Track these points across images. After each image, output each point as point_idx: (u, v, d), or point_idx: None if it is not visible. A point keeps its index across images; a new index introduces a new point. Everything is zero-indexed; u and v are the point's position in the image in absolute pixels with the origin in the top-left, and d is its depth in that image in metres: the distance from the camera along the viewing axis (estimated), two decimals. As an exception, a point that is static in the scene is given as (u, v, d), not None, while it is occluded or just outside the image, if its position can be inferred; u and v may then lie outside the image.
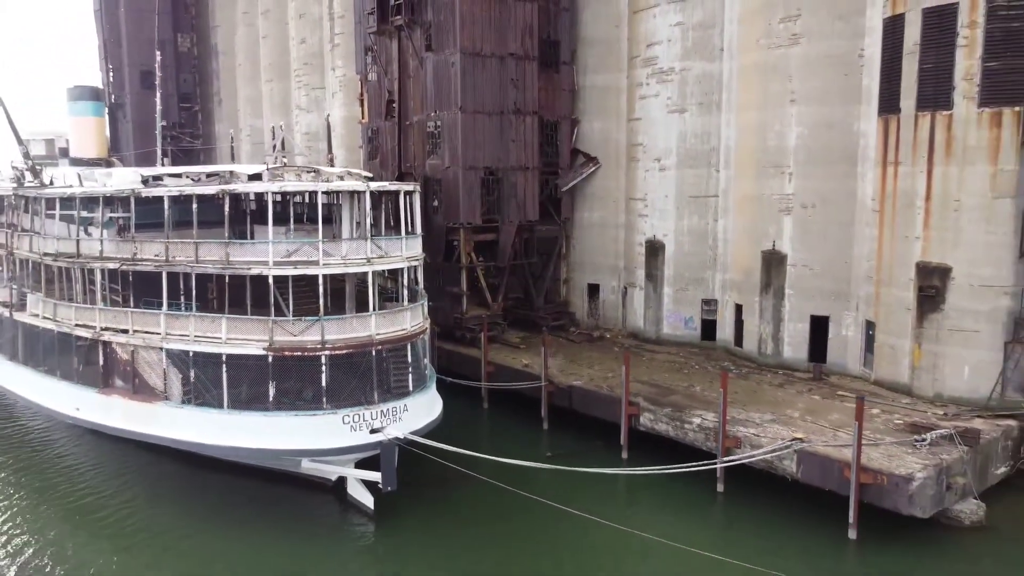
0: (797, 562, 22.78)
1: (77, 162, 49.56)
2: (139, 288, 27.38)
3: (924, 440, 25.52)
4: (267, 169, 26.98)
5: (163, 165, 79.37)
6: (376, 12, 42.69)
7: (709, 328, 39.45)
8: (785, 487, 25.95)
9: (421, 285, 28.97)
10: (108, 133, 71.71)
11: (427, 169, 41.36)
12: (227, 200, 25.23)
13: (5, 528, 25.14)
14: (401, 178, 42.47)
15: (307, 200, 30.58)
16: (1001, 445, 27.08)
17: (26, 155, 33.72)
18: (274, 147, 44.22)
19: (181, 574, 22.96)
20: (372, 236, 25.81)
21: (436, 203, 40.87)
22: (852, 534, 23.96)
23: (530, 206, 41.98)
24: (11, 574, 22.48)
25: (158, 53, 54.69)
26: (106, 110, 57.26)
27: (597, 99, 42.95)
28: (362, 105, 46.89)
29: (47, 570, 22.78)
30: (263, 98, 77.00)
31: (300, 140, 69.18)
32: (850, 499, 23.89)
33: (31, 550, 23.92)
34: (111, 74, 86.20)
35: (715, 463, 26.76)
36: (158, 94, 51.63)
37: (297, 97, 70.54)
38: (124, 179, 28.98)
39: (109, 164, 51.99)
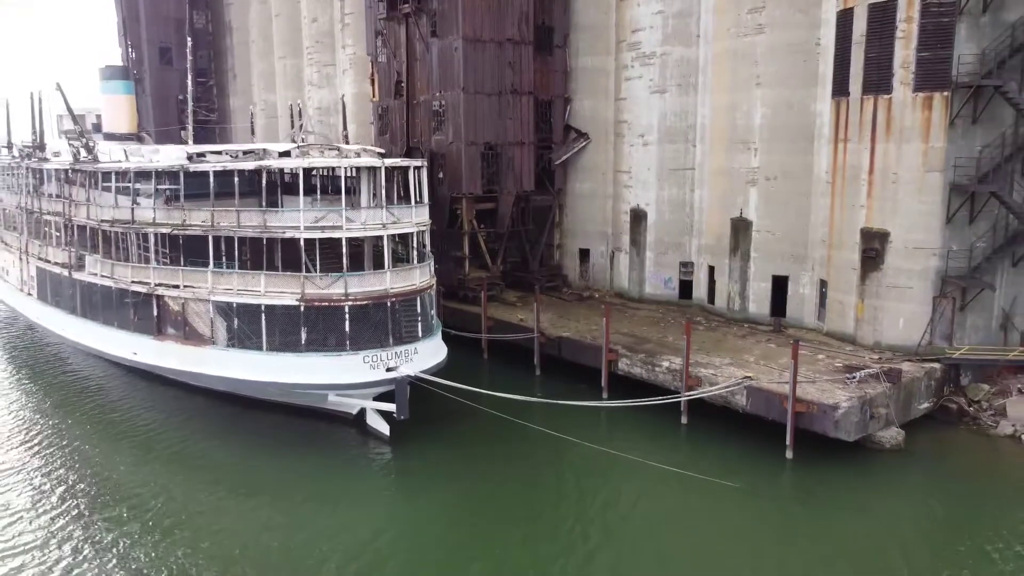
0: (744, 475, 27.48)
1: (110, 137, 53.86)
2: (187, 250, 31.95)
3: (854, 378, 30.20)
4: (296, 147, 31.41)
5: (186, 137, 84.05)
6: (386, 0, 46.72)
7: (686, 288, 44.03)
8: (737, 417, 30.69)
9: (428, 247, 33.45)
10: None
11: (433, 144, 45.67)
12: (264, 175, 29.73)
13: (93, 462, 29.95)
14: (409, 152, 46.81)
15: (330, 174, 34.87)
16: (924, 384, 31.69)
17: (81, 134, 38.10)
18: (293, 125, 48.69)
19: (234, 490, 27.71)
20: (386, 205, 30.35)
21: (441, 175, 45.15)
22: (789, 454, 28.71)
23: (526, 178, 46.34)
24: (101, 496, 27.31)
25: (189, 39, 58.28)
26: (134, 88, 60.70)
27: (587, 80, 47.06)
28: (373, 84, 51.03)
29: (130, 489, 27.69)
30: (276, 74, 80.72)
31: (313, 114, 73.27)
32: (787, 425, 28.61)
33: (110, 474, 28.83)
34: (131, 50, 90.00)
35: (679, 398, 31.48)
36: (189, 77, 55.37)
37: (309, 74, 74.22)
38: (171, 156, 33.41)
39: (140, 139, 56.23)
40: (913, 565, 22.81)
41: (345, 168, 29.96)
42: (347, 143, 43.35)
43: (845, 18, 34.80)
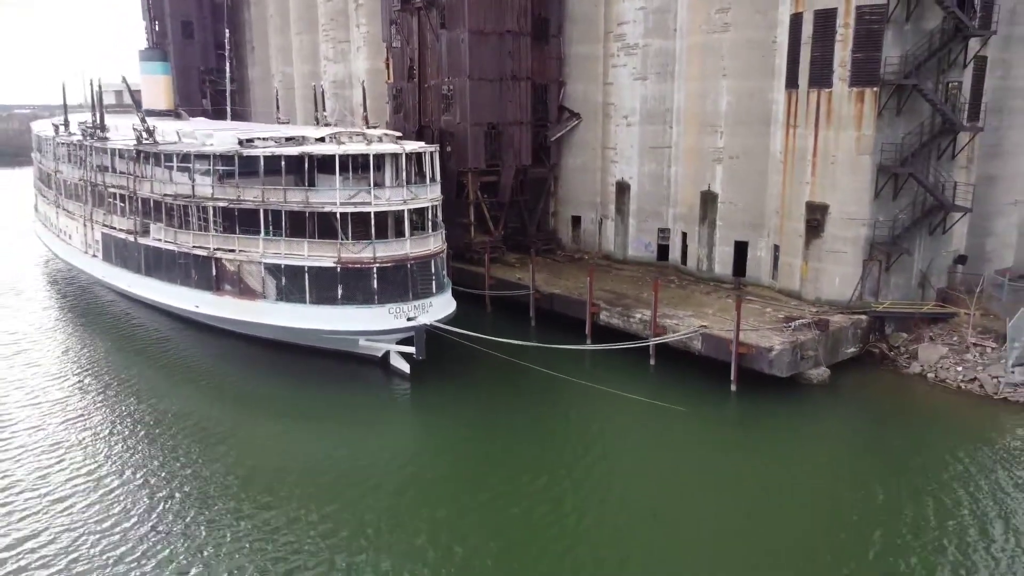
0: (697, 403, 34.22)
1: (149, 113, 59.70)
2: (240, 219, 38.41)
3: (790, 327, 36.86)
4: (330, 135, 37.75)
5: (206, 107, 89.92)
6: (401, -8, 52.49)
7: (663, 251, 50.51)
8: (694, 359, 37.38)
9: (440, 218, 39.83)
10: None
11: (442, 124, 51.82)
12: (306, 159, 36.18)
13: (166, 397, 36.87)
14: (421, 131, 52.98)
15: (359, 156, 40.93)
16: (851, 332, 38.29)
17: (143, 119, 44.25)
18: (317, 107, 54.74)
19: (283, 416, 34.46)
20: (407, 185, 36.80)
21: (449, 150, 51.31)
22: (733, 388, 35.43)
23: (525, 153, 52.56)
24: (171, 422, 34.17)
25: (227, 31, 63.53)
26: (171, 68, 66.42)
27: (580, 66, 52.94)
28: (388, 68, 56.92)
29: (197, 417, 34.62)
30: (292, 48, 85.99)
31: (329, 87, 78.84)
32: (731, 364, 35.34)
33: (178, 406, 35.74)
34: (154, 25, 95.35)
35: (648, 343, 38.20)
36: (227, 64, 60.68)
37: (325, 49, 79.48)
38: (224, 139, 39.67)
39: (177, 115, 62.19)
40: (831, 472, 29.45)
41: (372, 155, 36.17)
42: (366, 124, 49.42)
43: (796, 21, 40.66)
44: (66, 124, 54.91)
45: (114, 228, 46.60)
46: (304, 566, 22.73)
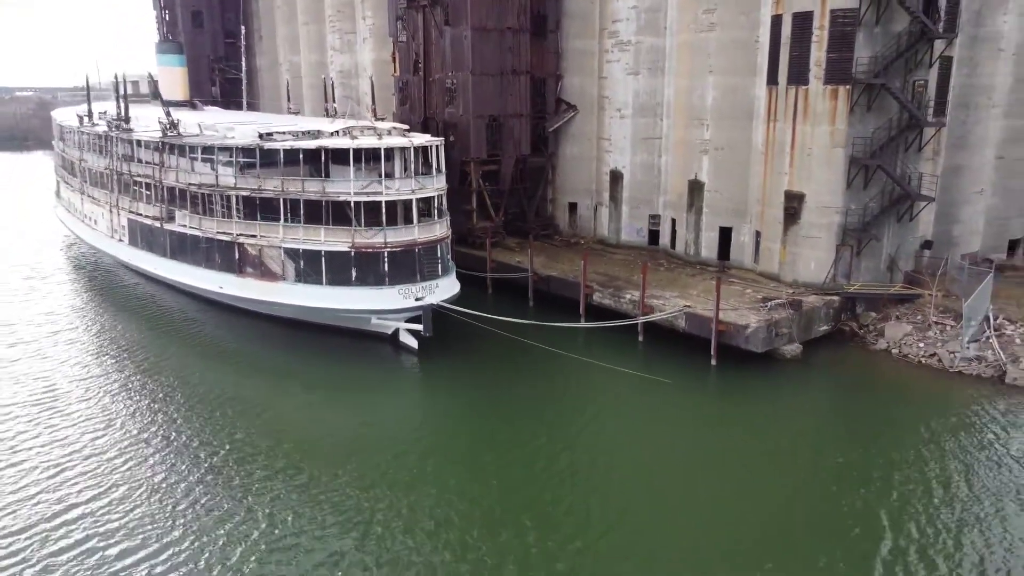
0: (680, 376, 37.56)
1: (166, 103, 62.72)
2: (261, 207, 41.63)
3: (766, 306, 40.20)
4: (345, 130, 40.92)
5: (215, 95, 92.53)
6: (406, -8, 55.38)
7: (654, 236, 53.77)
8: (678, 336, 40.75)
9: (445, 206, 43.00)
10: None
11: (446, 115, 54.89)
12: (323, 152, 39.38)
13: (195, 375, 40.33)
14: (426, 122, 56.05)
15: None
16: (823, 312, 41.60)
17: (168, 113, 47.30)
18: (327, 98, 57.75)
19: (299, 386, 37.90)
20: (415, 176, 40.03)
21: (452, 140, 54.38)
22: (713, 362, 38.80)
23: (524, 143, 55.66)
24: (201, 393, 37.61)
25: (243, 27, 65.93)
26: (185, 59, 69.24)
27: (576, 60, 55.91)
28: (394, 61, 59.87)
29: (220, 387, 38.08)
30: (300, 38, 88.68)
31: (336, 77, 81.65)
32: (712, 341, 38.70)
33: (210, 383, 39.22)
34: (165, 14, 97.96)
35: (636, 320, 41.56)
36: (242, 58, 63.24)
37: (332, 40, 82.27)
38: (245, 133, 42.80)
39: (193, 105, 65.17)
40: (802, 438, 32.78)
41: (383, 149, 39.31)
42: (375, 116, 52.50)
43: (776, 22, 43.65)
44: (90, 115, 57.96)
45: (140, 215, 49.84)
46: (333, 515, 26.16)
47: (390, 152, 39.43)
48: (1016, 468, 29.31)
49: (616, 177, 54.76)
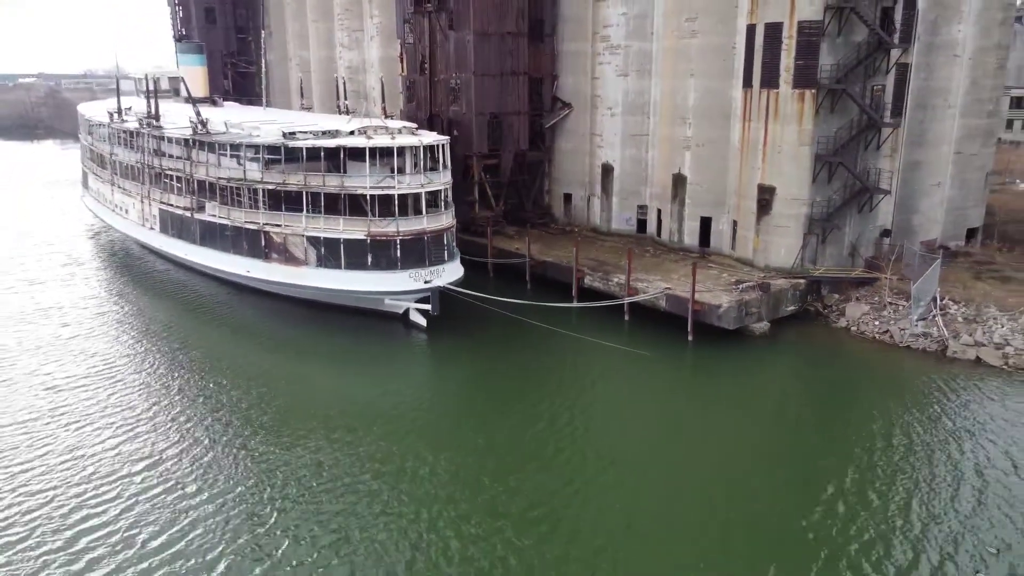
0: (660, 350, 42.34)
1: (189, 100, 67.16)
2: (285, 199, 46.23)
3: (738, 288, 44.93)
4: (361, 130, 45.49)
5: (227, 87, 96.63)
6: (413, -2, 59.82)
7: (642, 224, 58.44)
8: (660, 315, 45.50)
9: (450, 199, 47.58)
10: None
11: (450, 113, 59.42)
12: (342, 151, 44.01)
13: (223, 348, 45.11)
14: (431, 119, 60.56)
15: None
16: (790, 293, 46.31)
17: (198, 113, 51.74)
18: (339, 96, 62.19)
19: (318, 359, 42.72)
20: (424, 171, 44.67)
21: (456, 135, 58.90)
22: (690, 338, 43.58)
23: (522, 139, 60.24)
24: (229, 367, 42.41)
25: (264, 31, 70.10)
26: (206, 59, 73.49)
27: (571, 61, 60.37)
28: (402, 62, 64.28)
29: (246, 363, 42.89)
30: (309, 34, 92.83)
31: (344, 72, 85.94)
32: (688, 319, 43.46)
33: (239, 356, 44.01)
34: (179, 10, 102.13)
35: (622, 301, 46.29)
36: (263, 61, 67.57)
37: (340, 37, 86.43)
38: (270, 131, 47.34)
39: (213, 101, 69.59)
40: (767, 402, 37.71)
41: (396, 148, 43.90)
42: (385, 115, 57.03)
43: (750, 31, 48.07)
44: (119, 111, 62.46)
45: (171, 205, 54.49)
46: (369, 462, 30.93)
47: (402, 150, 43.99)
48: (949, 425, 34.13)
49: (607, 170, 59.36)
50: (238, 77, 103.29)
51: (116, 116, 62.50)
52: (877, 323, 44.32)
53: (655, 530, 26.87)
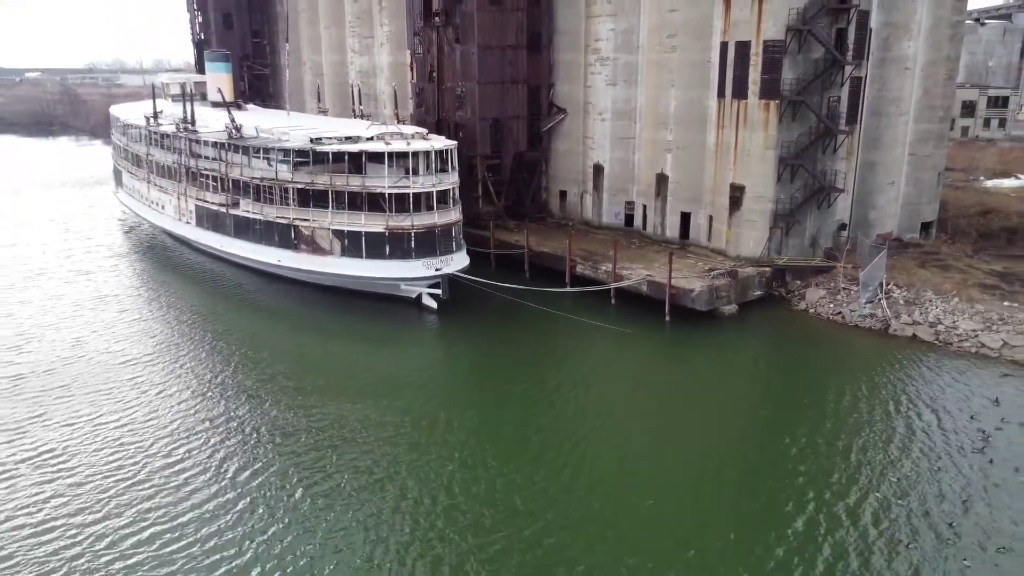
0: (641, 328, 48.70)
1: (216, 104, 73.54)
2: (313, 196, 52.56)
3: (710, 275, 51.30)
4: (379, 135, 51.82)
5: (244, 89, 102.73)
6: (423, 13, 65.97)
7: (629, 219, 64.79)
8: (642, 298, 51.85)
9: (458, 196, 53.87)
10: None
11: (456, 118, 65.70)
12: (363, 155, 50.35)
13: (258, 326, 51.55)
14: (439, 123, 66.83)
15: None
16: (757, 280, 52.66)
17: (233, 120, 58.02)
18: (354, 101, 68.41)
19: (339, 337, 49.12)
20: (435, 172, 51.03)
21: (461, 137, 65.12)
22: (667, 318, 49.96)
23: (522, 141, 66.55)
24: (250, 339, 48.83)
25: (286, 44, 76.51)
26: (230, 67, 79.74)
27: (566, 71, 66.59)
28: (412, 71, 70.52)
29: (274, 339, 49.36)
30: (321, 40, 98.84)
31: (355, 76, 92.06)
32: (666, 302, 49.84)
33: (272, 334, 50.47)
34: (198, 16, 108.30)
35: (609, 287, 52.68)
36: (286, 70, 73.71)
37: (351, 43, 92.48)
38: (298, 137, 53.62)
39: (238, 106, 75.84)
40: (735, 373, 44.02)
41: (411, 152, 50.25)
42: (397, 120, 63.35)
43: (723, 48, 54.30)
44: (155, 115, 68.78)
45: (207, 201, 60.88)
46: (387, 428, 37.28)
47: (416, 155, 50.32)
48: (889, 388, 40.44)
49: (598, 170, 65.66)
50: (253, 79, 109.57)
51: (152, 120, 68.76)
52: (831, 306, 50.68)
53: (641, 467, 33.07)
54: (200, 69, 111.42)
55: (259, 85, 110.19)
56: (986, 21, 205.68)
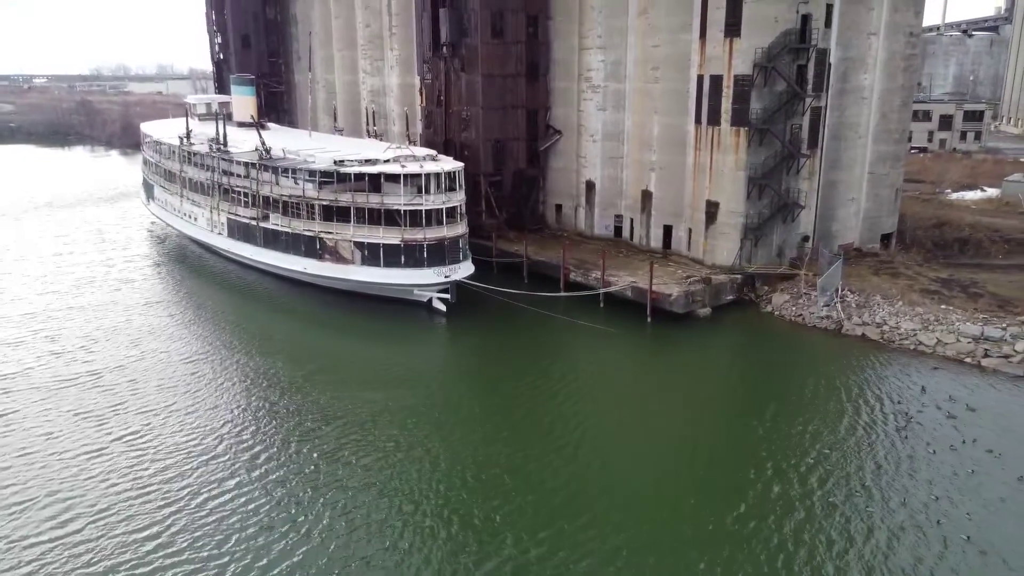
0: (626, 328, 55.51)
1: (241, 124, 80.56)
2: (336, 212, 59.40)
3: (687, 281, 58.16)
4: (395, 158, 58.72)
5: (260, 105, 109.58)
6: (432, 44, 72.98)
7: (618, 231, 71.72)
8: (627, 302, 58.68)
9: (464, 212, 60.68)
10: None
11: (462, 139, 72.65)
12: (381, 176, 57.24)
13: (285, 327, 58.45)
14: (446, 143, 73.76)
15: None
16: (728, 286, 59.50)
17: (263, 142, 64.89)
18: (369, 124, 75.40)
19: (355, 336, 55.98)
20: (444, 191, 57.93)
21: (467, 155, 72.00)
22: (649, 319, 56.77)
23: (521, 159, 73.54)
24: (285, 347, 55.67)
25: (310, 73, 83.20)
26: (255, 90, 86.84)
27: (561, 96, 73.54)
28: (421, 95, 77.52)
29: (303, 339, 56.30)
30: (334, 60, 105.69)
31: (366, 95, 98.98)
32: (647, 305, 56.66)
33: (297, 333, 57.42)
34: (218, 36, 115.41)
35: (599, 291, 59.54)
36: (309, 95, 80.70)
37: (363, 64, 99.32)
38: (323, 159, 60.51)
39: (261, 126, 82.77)
40: (709, 367, 50.90)
41: (424, 174, 57.14)
42: (409, 141, 70.29)
43: (700, 80, 61.22)
44: (188, 135, 75.78)
45: (238, 215, 67.81)
46: (401, 416, 44.01)
47: (428, 176, 57.28)
48: (841, 378, 47.03)
49: (590, 186, 72.59)
50: (269, 96, 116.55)
51: (185, 139, 75.75)
52: (794, 308, 57.51)
53: (630, 444, 39.56)
54: (220, 86, 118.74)
55: (274, 101, 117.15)
56: (974, 33, 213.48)
